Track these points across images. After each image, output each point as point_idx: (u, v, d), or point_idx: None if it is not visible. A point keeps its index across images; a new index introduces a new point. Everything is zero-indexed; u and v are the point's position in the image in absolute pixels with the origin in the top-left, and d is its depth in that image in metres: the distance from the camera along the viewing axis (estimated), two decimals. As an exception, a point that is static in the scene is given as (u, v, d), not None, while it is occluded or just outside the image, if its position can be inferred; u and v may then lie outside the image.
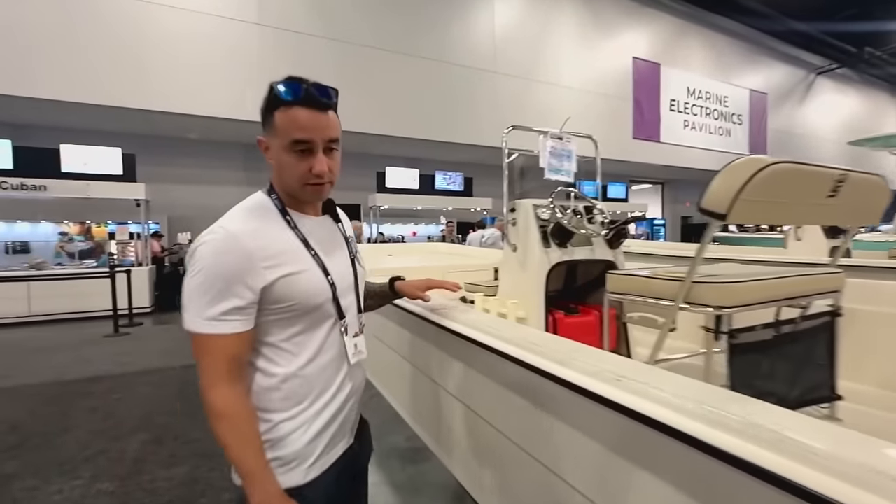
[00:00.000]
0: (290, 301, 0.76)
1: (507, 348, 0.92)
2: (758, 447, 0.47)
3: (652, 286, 1.18)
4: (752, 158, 0.96)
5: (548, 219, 1.89)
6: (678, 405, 0.57)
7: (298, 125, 0.74)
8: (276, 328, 0.77)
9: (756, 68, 12.48)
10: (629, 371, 0.68)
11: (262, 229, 0.76)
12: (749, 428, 0.50)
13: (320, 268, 0.80)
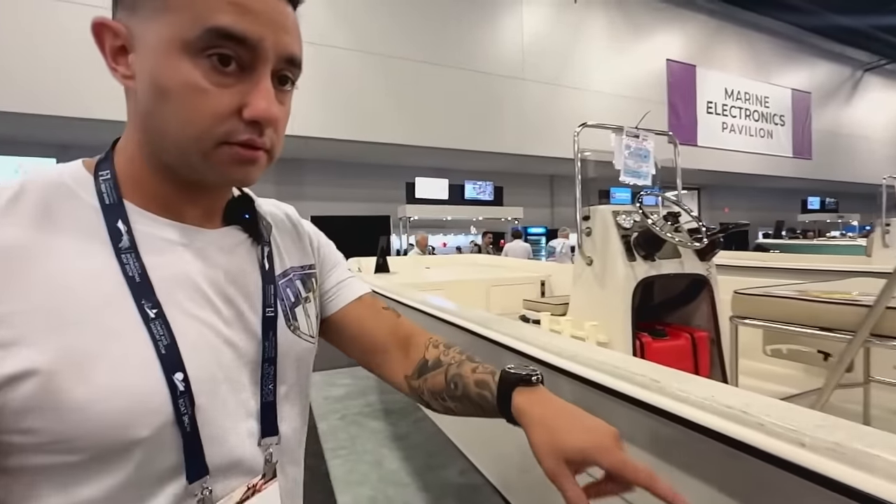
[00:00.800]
0: (51, 430, 0.33)
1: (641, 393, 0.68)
2: None
3: (812, 311, 0.93)
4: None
5: (630, 227, 1.65)
6: None
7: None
8: (23, 489, 0.34)
9: (797, 67, 11.90)
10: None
11: (32, 246, 0.34)
12: None
13: (156, 350, 0.36)
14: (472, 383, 0.50)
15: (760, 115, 11.32)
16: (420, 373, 0.55)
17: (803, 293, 0.97)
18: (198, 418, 0.37)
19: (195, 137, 0.36)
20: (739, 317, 1.09)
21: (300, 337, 0.49)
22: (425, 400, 0.55)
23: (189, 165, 0.38)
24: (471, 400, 0.50)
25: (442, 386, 0.52)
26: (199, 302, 0.40)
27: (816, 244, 5.86)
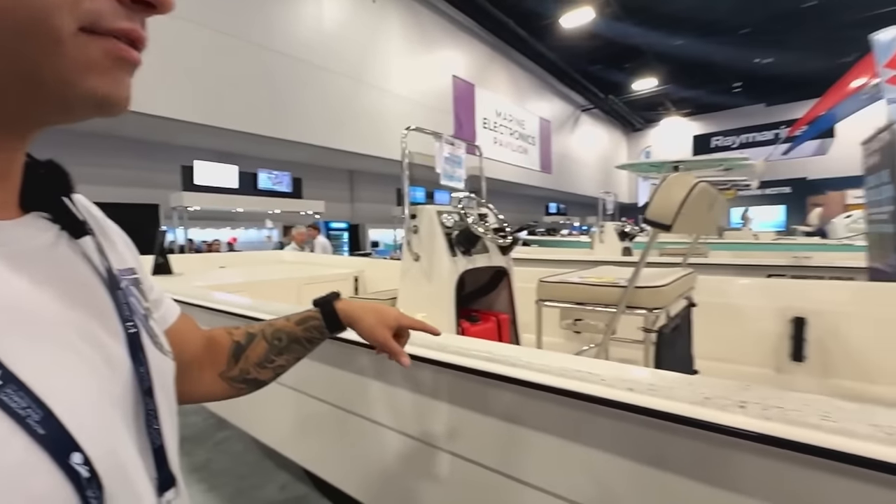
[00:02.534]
0: None
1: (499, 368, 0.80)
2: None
3: (592, 293, 1.24)
4: (682, 176, 1.09)
5: (452, 226, 1.83)
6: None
7: None
8: None
9: (542, 99, 15.17)
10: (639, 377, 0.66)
11: None
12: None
13: (27, 430, 0.23)
14: (294, 328, 0.59)
15: (519, 134, 13.99)
16: (236, 356, 0.56)
17: (584, 279, 1.30)
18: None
19: (40, 18, 0.22)
20: (543, 300, 1.37)
21: (166, 356, 0.38)
22: (251, 377, 0.56)
23: (21, 74, 0.23)
24: (299, 341, 0.59)
25: (265, 348, 0.57)
26: (40, 338, 0.26)
27: (560, 240, 7.66)
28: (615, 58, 13.36)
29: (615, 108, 17.18)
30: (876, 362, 1.79)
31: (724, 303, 2.01)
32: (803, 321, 1.85)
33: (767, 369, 1.94)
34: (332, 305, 0.61)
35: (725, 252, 4.51)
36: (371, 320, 0.60)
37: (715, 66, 13.37)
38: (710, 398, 0.55)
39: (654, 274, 1.36)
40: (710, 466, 0.57)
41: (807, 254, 3.56)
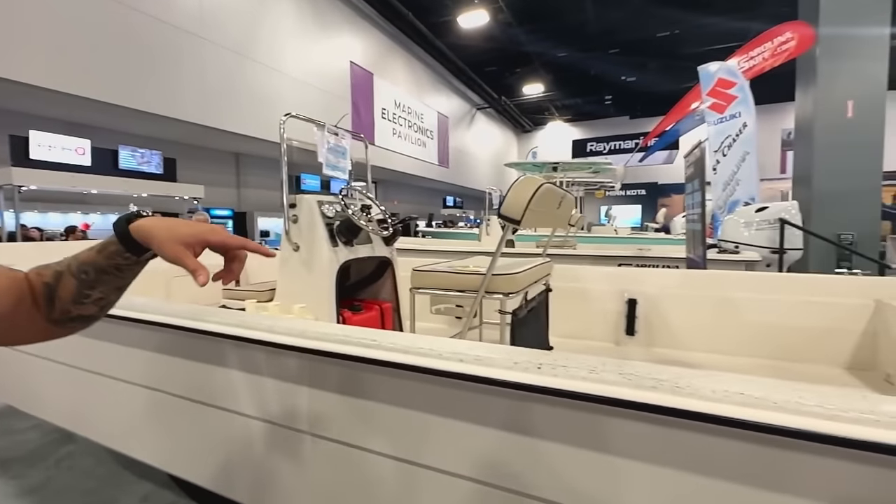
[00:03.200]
0: None
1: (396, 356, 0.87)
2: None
3: (458, 280, 1.37)
4: (530, 178, 1.26)
5: (333, 216, 1.84)
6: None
7: None
8: None
9: (441, 95, 15.51)
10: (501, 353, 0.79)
11: None
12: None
13: None
14: (96, 257, 0.55)
15: (418, 127, 14.15)
16: (50, 298, 0.53)
17: (453, 267, 1.42)
18: None
19: None
20: (416, 288, 1.46)
21: None
22: (76, 315, 0.54)
23: None
24: (105, 270, 0.55)
25: (74, 284, 0.54)
26: None
27: (453, 231, 7.98)
28: (507, 62, 14.20)
29: (508, 110, 18.26)
30: (687, 333, 2.24)
31: (577, 287, 2.34)
32: (635, 302, 2.24)
33: (609, 343, 2.31)
34: (125, 225, 0.55)
35: (591, 245, 5.15)
36: (162, 236, 0.53)
37: (591, 79, 14.98)
38: (518, 363, 0.68)
39: (513, 263, 1.55)
40: (516, 418, 0.71)
41: (648, 247, 4.24)
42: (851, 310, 1.90)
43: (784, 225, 3.65)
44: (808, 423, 0.54)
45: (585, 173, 6.91)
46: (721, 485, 0.61)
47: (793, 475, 0.58)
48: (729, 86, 5.34)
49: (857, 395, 0.57)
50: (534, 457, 0.72)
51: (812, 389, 0.58)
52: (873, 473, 0.54)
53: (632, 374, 0.62)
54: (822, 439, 0.53)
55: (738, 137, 5.24)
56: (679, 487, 0.63)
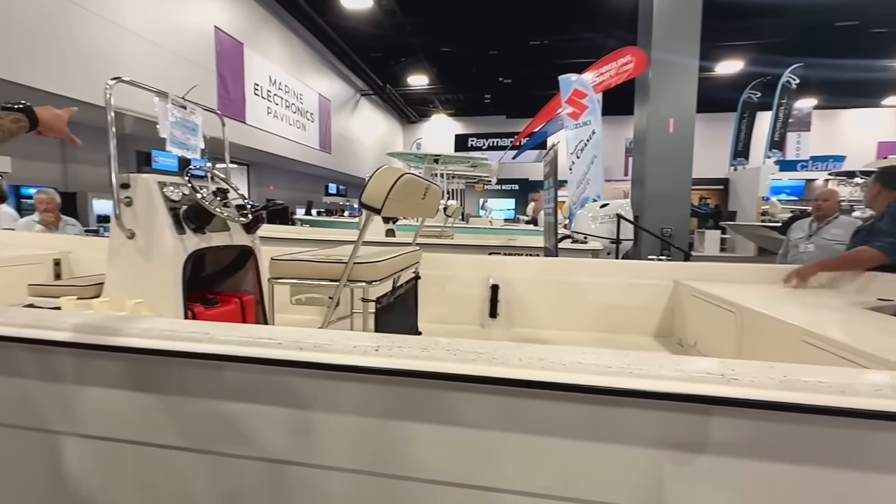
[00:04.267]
0: None
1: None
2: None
3: (319, 269, 1.33)
4: (391, 169, 1.28)
5: (179, 200, 1.64)
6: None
7: None
8: None
9: (322, 76, 14.74)
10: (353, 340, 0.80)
11: None
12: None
13: None
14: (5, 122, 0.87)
15: (297, 108, 13.26)
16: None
17: (315, 256, 1.38)
18: None
19: None
20: (275, 278, 1.39)
21: None
22: None
23: None
24: (11, 132, 0.86)
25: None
26: None
27: (334, 221, 7.72)
28: (393, 50, 14.09)
29: (393, 99, 18.16)
30: (541, 313, 2.52)
31: (447, 275, 2.46)
32: (497, 287, 2.44)
33: (475, 325, 2.49)
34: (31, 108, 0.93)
35: (468, 235, 5.45)
36: (49, 115, 0.88)
37: (472, 77, 15.70)
38: (358, 346, 0.70)
39: (380, 252, 1.57)
40: (324, 395, 0.73)
41: (516, 237, 4.65)
42: (657, 289, 2.35)
43: (619, 219, 4.32)
44: (630, 382, 0.66)
45: (464, 167, 7.26)
46: (564, 443, 0.71)
47: (621, 426, 0.70)
48: (582, 96, 6.09)
49: (655, 358, 0.71)
50: (389, 438, 0.75)
51: (617, 355, 0.72)
52: (683, 419, 0.68)
53: (458, 350, 0.68)
54: (639, 394, 0.65)
55: (588, 142, 6.02)
56: (527, 450, 0.72)
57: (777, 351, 1.36)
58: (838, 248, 3.42)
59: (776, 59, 12.30)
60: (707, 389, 0.64)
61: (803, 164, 15.03)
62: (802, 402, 0.62)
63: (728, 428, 0.67)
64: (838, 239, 3.46)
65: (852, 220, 3.67)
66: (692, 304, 2.10)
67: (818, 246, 3.56)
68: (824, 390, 0.63)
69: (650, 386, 0.66)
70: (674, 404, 0.68)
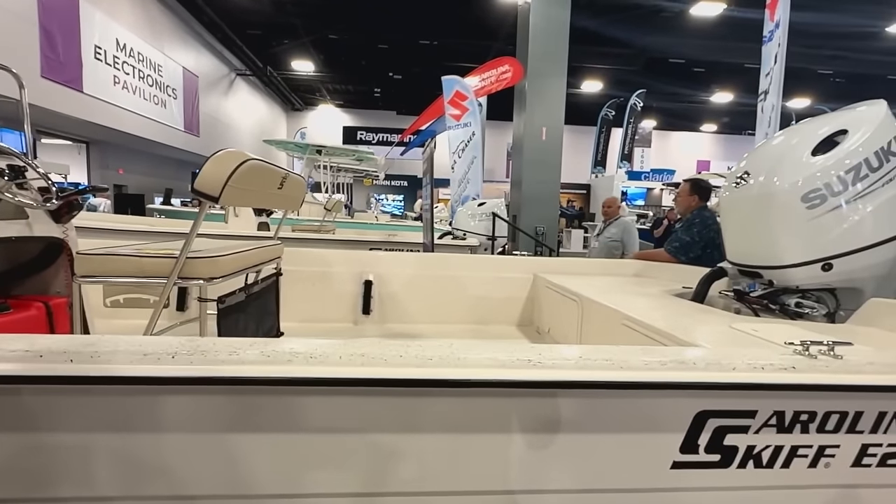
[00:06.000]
0: None
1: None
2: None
3: (141, 265, 1.14)
4: (233, 152, 1.15)
5: (-59, 178, 1.27)
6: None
7: None
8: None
9: (189, 49, 13.02)
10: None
11: None
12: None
13: None
14: None
15: (155, 81, 11.49)
16: None
17: (140, 251, 1.18)
18: None
19: None
20: (84, 276, 1.15)
21: None
22: None
23: None
24: None
25: None
26: None
27: (192, 211, 6.86)
28: (274, 30, 13.03)
29: (275, 82, 16.83)
30: (416, 308, 2.54)
31: (319, 271, 2.34)
32: (371, 283, 2.40)
33: (348, 323, 2.41)
34: None
35: (350, 230, 5.29)
36: None
37: (362, 69, 15.30)
38: (149, 354, 0.60)
39: (227, 246, 1.41)
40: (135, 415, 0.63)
41: (397, 232, 4.65)
42: (520, 282, 2.54)
43: (495, 217, 4.60)
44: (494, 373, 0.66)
45: (350, 160, 7.04)
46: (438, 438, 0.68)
47: (490, 414, 0.70)
48: (463, 98, 6.34)
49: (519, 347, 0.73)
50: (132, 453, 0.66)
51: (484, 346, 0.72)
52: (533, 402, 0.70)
53: (273, 351, 0.63)
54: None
55: (469, 143, 6.29)
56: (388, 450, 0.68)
57: (606, 333, 1.55)
58: (612, 244, 4.22)
59: (628, 82, 14.34)
60: (530, 375, 0.69)
61: (645, 174, 17.81)
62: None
63: (546, 407, 0.73)
64: (612, 237, 4.27)
65: (626, 221, 4.54)
66: (547, 294, 2.31)
67: (600, 244, 4.34)
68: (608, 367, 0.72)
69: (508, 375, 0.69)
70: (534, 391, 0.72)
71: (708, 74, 15.16)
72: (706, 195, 2.69)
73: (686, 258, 2.49)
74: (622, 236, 4.24)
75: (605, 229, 4.37)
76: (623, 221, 4.46)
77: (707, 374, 0.76)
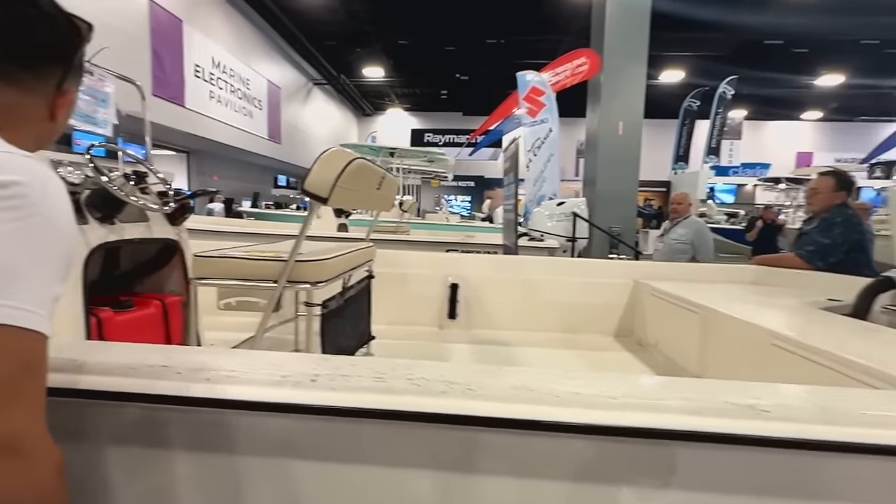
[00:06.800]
0: None
1: None
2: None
3: (251, 268, 1.13)
4: (342, 151, 1.11)
5: (81, 183, 1.36)
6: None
7: None
8: None
9: (272, 62, 13.98)
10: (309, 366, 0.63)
11: None
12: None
13: None
14: None
15: (244, 94, 12.47)
16: None
17: (249, 253, 1.18)
18: None
19: None
20: (199, 278, 1.17)
21: None
22: None
23: None
24: None
25: None
26: None
27: (281, 213, 7.29)
28: (348, 39, 13.59)
29: (347, 90, 17.58)
30: (498, 312, 2.42)
31: (402, 273, 2.30)
32: (457, 286, 2.31)
33: (433, 327, 2.34)
34: None
35: (424, 231, 5.30)
36: None
37: (429, 72, 15.49)
38: (287, 376, 0.53)
39: (327, 248, 1.39)
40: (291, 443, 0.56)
41: (473, 234, 4.56)
42: (617, 288, 2.32)
43: (575, 217, 4.34)
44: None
45: (421, 161, 7.10)
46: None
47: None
48: (540, 94, 6.10)
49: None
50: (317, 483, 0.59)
51: (617, 382, 0.59)
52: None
53: (422, 379, 0.53)
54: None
55: (545, 140, 6.05)
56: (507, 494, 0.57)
57: (746, 355, 1.32)
58: (679, 247, 3.71)
59: (714, 70, 13.11)
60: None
61: (735, 169, 16.18)
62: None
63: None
64: (680, 239, 3.74)
65: (697, 221, 3.98)
66: (653, 303, 2.07)
67: (667, 245, 3.83)
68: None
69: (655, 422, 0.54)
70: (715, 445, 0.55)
71: (812, 55, 13.43)
72: (850, 190, 2.28)
73: (824, 264, 2.11)
74: (693, 238, 3.73)
75: (671, 229, 3.89)
76: (694, 221, 3.95)
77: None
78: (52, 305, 0.45)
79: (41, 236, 0.43)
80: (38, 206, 0.44)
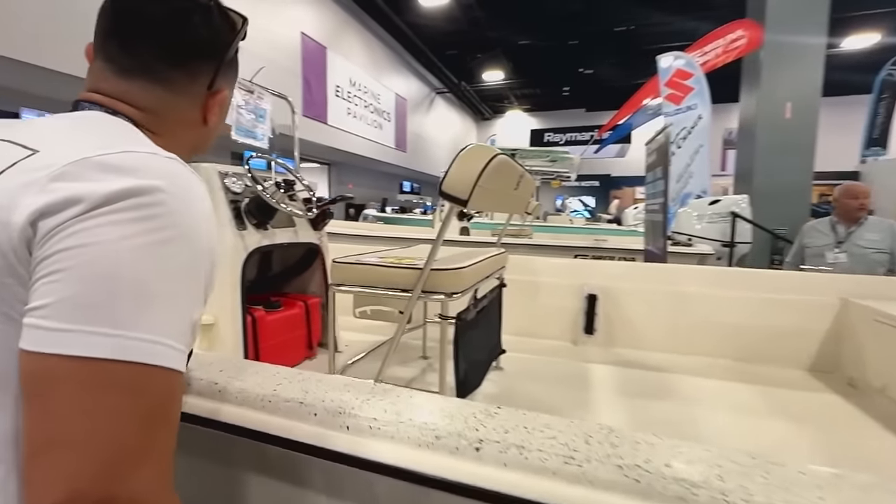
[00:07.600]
0: None
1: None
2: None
3: (386, 275, 1.08)
4: (481, 147, 0.99)
5: (241, 192, 1.48)
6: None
7: None
8: None
9: (399, 76, 14.94)
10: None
11: None
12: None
13: None
14: None
15: (374, 108, 13.55)
16: None
17: (382, 259, 1.14)
18: None
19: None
20: (337, 284, 1.16)
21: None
22: None
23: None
24: None
25: None
26: None
27: (406, 217, 7.65)
28: (469, 46, 13.84)
29: (467, 96, 17.94)
30: (645, 330, 2.08)
31: (533, 280, 2.12)
32: (595, 297, 2.04)
33: (566, 342, 2.11)
34: None
35: (547, 234, 5.01)
36: None
37: (550, 69, 14.95)
38: (441, 437, 0.40)
39: (461, 254, 1.29)
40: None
41: (605, 237, 4.14)
42: (815, 309, 1.80)
43: (735, 218, 3.65)
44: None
45: (543, 161, 6.80)
46: None
47: None
48: (686, 76, 5.33)
49: None
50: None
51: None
52: None
53: (638, 468, 0.36)
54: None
55: (693, 130, 5.26)
56: None
57: None
58: (877, 256, 2.63)
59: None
60: None
61: (960, 154, 12.29)
62: None
63: None
64: (874, 245, 2.65)
65: (881, 220, 2.79)
66: (877, 332, 1.54)
67: (852, 255, 2.74)
68: None
69: None
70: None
71: None
72: None
73: None
74: (892, 244, 2.70)
75: (854, 232, 2.86)
76: (881, 221, 2.89)
77: None
78: (191, 336, 0.38)
79: (179, 252, 0.36)
80: (179, 215, 0.37)
